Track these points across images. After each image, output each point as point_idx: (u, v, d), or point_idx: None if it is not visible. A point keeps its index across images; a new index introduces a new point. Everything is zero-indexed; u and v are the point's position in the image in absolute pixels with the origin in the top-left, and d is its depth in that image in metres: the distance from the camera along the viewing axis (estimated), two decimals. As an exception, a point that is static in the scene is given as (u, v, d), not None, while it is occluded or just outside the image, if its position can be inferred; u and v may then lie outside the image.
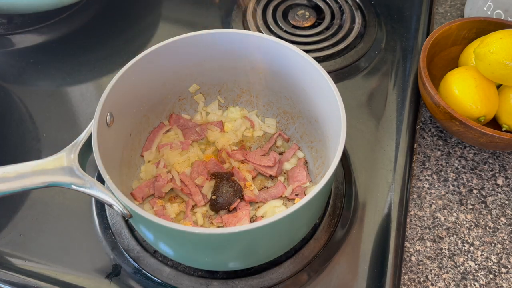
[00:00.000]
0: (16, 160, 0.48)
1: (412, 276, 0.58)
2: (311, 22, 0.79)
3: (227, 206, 0.58)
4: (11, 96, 0.71)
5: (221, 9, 0.82)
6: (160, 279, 0.54)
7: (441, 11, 0.85)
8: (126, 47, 0.77)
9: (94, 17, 0.81)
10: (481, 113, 0.62)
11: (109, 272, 0.55)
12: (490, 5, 0.75)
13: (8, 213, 0.59)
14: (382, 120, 0.68)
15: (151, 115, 0.62)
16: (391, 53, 0.76)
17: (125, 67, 0.53)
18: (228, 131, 0.65)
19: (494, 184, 0.65)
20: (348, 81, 0.73)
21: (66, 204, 0.60)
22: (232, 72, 0.62)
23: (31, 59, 0.75)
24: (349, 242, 0.57)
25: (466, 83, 0.62)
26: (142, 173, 0.61)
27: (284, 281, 0.54)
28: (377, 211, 0.59)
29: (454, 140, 0.69)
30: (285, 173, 0.62)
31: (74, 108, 0.69)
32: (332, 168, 0.46)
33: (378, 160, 0.64)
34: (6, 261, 0.55)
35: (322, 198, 0.54)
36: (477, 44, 0.63)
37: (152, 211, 0.58)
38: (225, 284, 0.53)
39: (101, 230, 0.58)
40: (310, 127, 0.61)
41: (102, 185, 0.47)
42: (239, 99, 0.66)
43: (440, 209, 0.63)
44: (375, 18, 0.80)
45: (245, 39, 0.57)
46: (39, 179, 0.47)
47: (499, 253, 0.60)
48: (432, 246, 0.60)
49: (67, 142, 0.50)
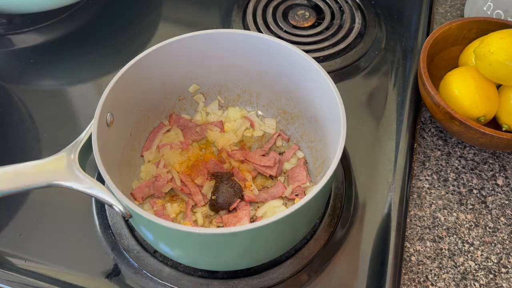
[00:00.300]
0: (16, 160, 0.48)
1: (412, 276, 0.58)
2: (311, 22, 0.79)
3: (227, 206, 0.58)
4: (11, 96, 0.71)
5: (221, 9, 0.82)
6: (160, 279, 0.54)
7: (441, 11, 0.85)
8: (126, 47, 0.77)
9: (94, 17, 0.81)
10: (481, 113, 0.62)
11: (109, 272, 0.55)
12: (490, 5, 0.75)
13: (8, 213, 0.59)
14: (382, 120, 0.68)
15: (151, 115, 0.62)
16: (391, 53, 0.76)
17: (125, 67, 0.53)
18: (228, 131, 0.65)
19: (494, 184, 0.65)
20: (348, 81, 0.73)
21: (66, 204, 0.60)
22: (232, 72, 0.62)
23: (31, 59, 0.75)
24: (349, 242, 0.57)
25: (466, 83, 0.62)
26: (142, 173, 0.61)
27: (284, 281, 0.54)
28: (377, 211, 0.59)
29: (454, 140, 0.69)
30: (285, 173, 0.62)
31: (74, 108, 0.69)
32: (332, 168, 0.46)
33: (378, 160, 0.64)
34: (6, 261, 0.55)
35: (322, 198, 0.54)
36: (477, 44, 0.63)
37: (152, 211, 0.58)
38: (225, 284, 0.53)
39: (101, 230, 0.58)
40: (310, 127, 0.61)
41: (102, 185, 0.47)
42: (239, 99, 0.66)
43: (440, 209, 0.63)
44: (375, 18, 0.80)
45: (245, 39, 0.57)
46: (39, 179, 0.47)
47: (499, 253, 0.60)
48: (432, 246, 0.60)
49: (67, 142, 0.50)
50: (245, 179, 0.60)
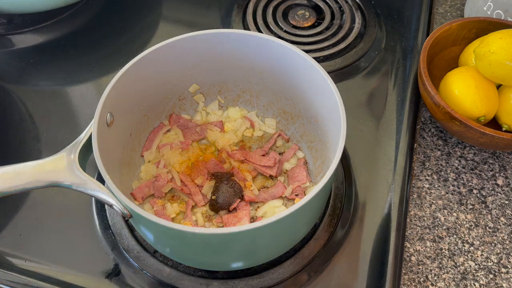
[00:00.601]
0: (16, 160, 0.48)
1: (412, 276, 0.58)
2: (311, 22, 0.79)
3: (227, 206, 0.58)
4: (11, 96, 0.71)
5: (221, 9, 0.82)
6: (160, 279, 0.54)
7: (441, 11, 0.85)
8: (126, 47, 0.77)
9: (94, 17, 0.81)
10: (481, 113, 0.62)
11: (109, 272, 0.55)
12: (490, 5, 0.75)
13: (8, 213, 0.59)
14: (382, 120, 0.68)
15: (151, 115, 0.62)
16: (391, 53, 0.76)
17: (125, 67, 0.53)
18: (228, 131, 0.65)
19: (494, 184, 0.65)
20: (348, 81, 0.73)
21: (66, 204, 0.60)
22: (232, 72, 0.62)
23: (31, 59, 0.75)
24: (349, 242, 0.57)
25: (466, 83, 0.62)
26: (142, 173, 0.61)
27: (284, 281, 0.54)
28: (377, 211, 0.59)
29: (454, 140, 0.69)
30: (285, 173, 0.62)
31: (74, 108, 0.69)
32: (332, 168, 0.46)
33: (378, 160, 0.64)
34: (6, 261, 0.55)
35: (322, 198, 0.54)
36: (477, 44, 0.63)
37: (152, 211, 0.58)
38: (225, 284, 0.53)
39: (101, 230, 0.58)
40: (310, 127, 0.61)
41: (102, 185, 0.47)
42: (239, 99, 0.66)
43: (440, 209, 0.63)
44: (375, 18, 0.80)
45: (245, 39, 0.57)
46: (39, 179, 0.47)
47: (499, 253, 0.60)
48: (432, 246, 0.60)
49: (67, 142, 0.50)
50: (245, 179, 0.60)
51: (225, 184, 0.58)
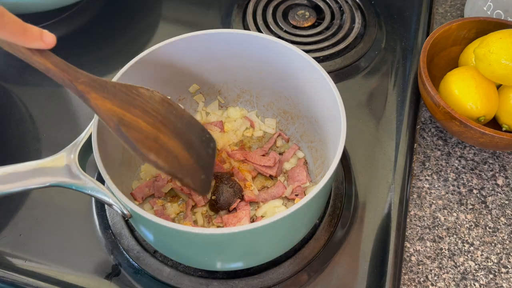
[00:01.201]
0: (16, 160, 0.48)
1: (412, 276, 0.58)
2: (311, 22, 0.79)
3: (227, 206, 0.58)
4: (11, 96, 0.71)
5: (221, 9, 0.82)
6: (160, 279, 0.54)
7: (441, 11, 0.85)
8: (126, 47, 0.77)
9: (94, 17, 0.81)
10: (481, 113, 0.62)
11: (109, 272, 0.55)
12: (490, 5, 0.75)
13: (8, 213, 0.59)
14: (382, 120, 0.68)
15: (151, 115, 0.62)
16: (391, 53, 0.76)
17: (125, 67, 0.53)
18: (228, 131, 0.65)
19: (494, 184, 0.65)
20: (348, 81, 0.73)
21: (66, 204, 0.60)
22: (232, 72, 0.62)
23: (31, 59, 0.75)
24: (349, 242, 0.57)
25: (466, 83, 0.62)
26: (142, 173, 0.61)
27: (284, 281, 0.54)
28: (377, 211, 0.59)
29: (454, 140, 0.69)
30: (285, 173, 0.62)
31: (74, 108, 0.69)
32: (332, 168, 0.46)
33: (378, 160, 0.64)
34: (6, 261, 0.55)
35: (322, 198, 0.54)
36: (477, 44, 0.63)
37: (152, 211, 0.58)
38: (225, 284, 0.53)
39: (101, 230, 0.58)
40: (310, 127, 0.61)
41: (102, 185, 0.47)
42: (239, 99, 0.66)
43: (440, 209, 0.63)
44: (375, 18, 0.80)
45: (245, 39, 0.57)
46: (39, 179, 0.47)
47: (499, 253, 0.60)
48: (432, 246, 0.60)
49: (67, 142, 0.50)
50: (245, 179, 0.60)
51: (225, 184, 0.58)
